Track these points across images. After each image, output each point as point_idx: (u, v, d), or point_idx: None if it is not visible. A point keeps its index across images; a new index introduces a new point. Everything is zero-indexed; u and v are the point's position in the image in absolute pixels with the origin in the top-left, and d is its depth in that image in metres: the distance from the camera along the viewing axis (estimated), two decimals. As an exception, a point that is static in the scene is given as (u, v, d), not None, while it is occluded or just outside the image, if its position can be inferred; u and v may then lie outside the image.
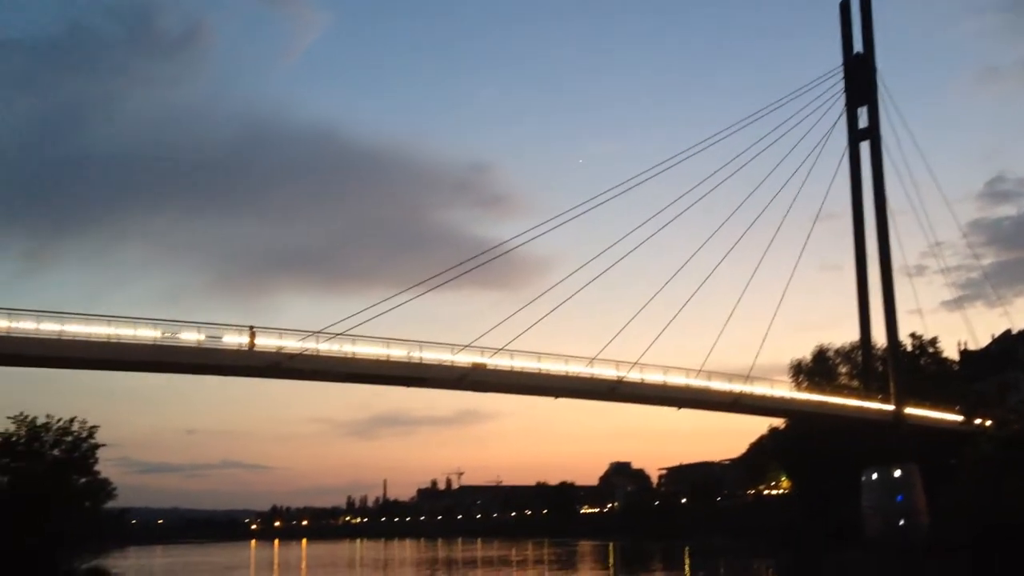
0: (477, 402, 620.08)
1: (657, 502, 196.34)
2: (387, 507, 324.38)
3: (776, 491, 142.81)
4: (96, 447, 61.85)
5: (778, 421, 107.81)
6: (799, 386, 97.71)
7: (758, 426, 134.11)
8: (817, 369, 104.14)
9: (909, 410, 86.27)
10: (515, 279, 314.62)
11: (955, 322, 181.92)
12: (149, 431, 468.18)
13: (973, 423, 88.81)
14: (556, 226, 71.26)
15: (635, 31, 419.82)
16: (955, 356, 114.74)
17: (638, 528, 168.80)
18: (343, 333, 57.86)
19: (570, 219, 71.96)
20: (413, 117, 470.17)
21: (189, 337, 54.62)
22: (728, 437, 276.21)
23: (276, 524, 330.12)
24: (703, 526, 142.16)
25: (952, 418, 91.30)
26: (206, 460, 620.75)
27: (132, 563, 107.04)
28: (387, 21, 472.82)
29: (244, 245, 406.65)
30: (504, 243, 71.18)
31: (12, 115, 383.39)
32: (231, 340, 55.57)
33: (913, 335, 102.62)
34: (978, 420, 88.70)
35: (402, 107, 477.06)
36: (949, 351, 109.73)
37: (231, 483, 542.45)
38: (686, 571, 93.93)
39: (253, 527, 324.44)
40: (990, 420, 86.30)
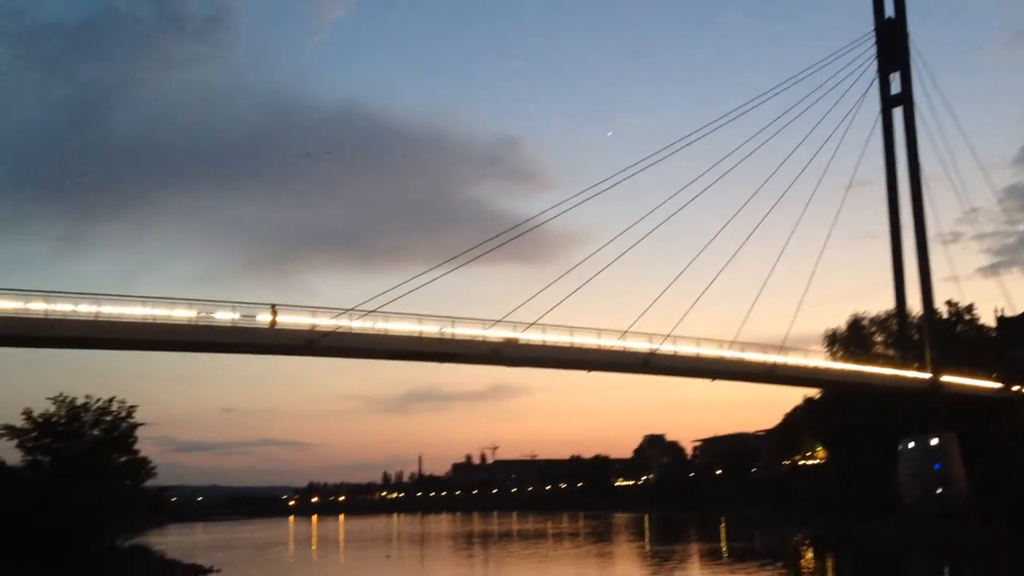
0: (510, 377, 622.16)
1: (692, 474, 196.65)
2: (422, 482, 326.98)
3: (811, 461, 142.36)
4: (135, 426, 62.74)
5: (813, 391, 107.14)
6: (834, 356, 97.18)
7: (793, 397, 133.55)
8: (852, 338, 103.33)
9: (946, 378, 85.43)
10: (546, 253, 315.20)
11: (991, 288, 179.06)
12: (186, 410, 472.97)
13: (1011, 390, 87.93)
14: (586, 200, 70.33)
15: (663, 2, 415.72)
16: (992, 323, 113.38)
17: (673, 500, 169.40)
18: (376, 310, 57.76)
19: (600, 192, 71.03)
20: (441, 93, 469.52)
21: (224, 316, 54.82)
22: (762, 408, 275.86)
23: (313, 500, 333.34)
24: (738, 497, 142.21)
25: (990, 385, 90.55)
26: (243, 438, 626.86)
27: (174, 540, 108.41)
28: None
29: (275, 224, 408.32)
30: (534, 217, 70.45)
31: (45, 99, 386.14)
32: (265, 319, 55.81)
33: (949, 302, 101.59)
34: (1016, 387, 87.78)
35: (430, 83, 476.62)
36: (986, 318, 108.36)
37: (268, 460, 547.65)
38: (722, 542, 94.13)
39: (291, 503, 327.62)
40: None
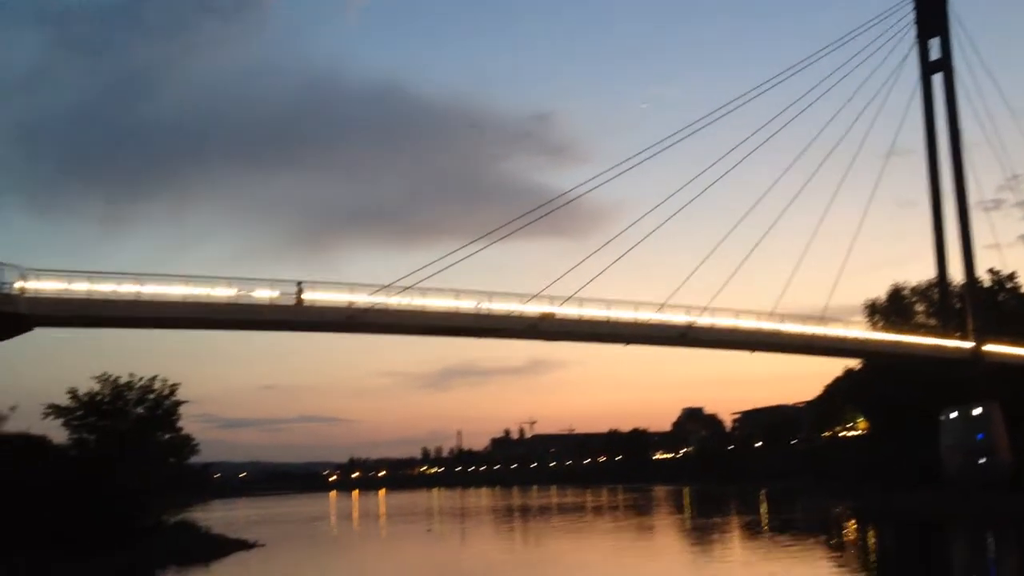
0: (548, 351, 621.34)
1: (731, 446, 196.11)
2: (462, 457, 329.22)
3: (852, 433, 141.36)
4: (178, 404, 63.76)
5: (853, 362, 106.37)
6: (874, 326, 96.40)
7: (833, 368, 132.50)
8: (892, 308, 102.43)
9: (988, 347, 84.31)
10: (581, 227, 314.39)
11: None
12: (226, 388, 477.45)
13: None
14: (621, 172, 69.93)
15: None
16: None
17: (712, 473, 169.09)
18: (413, 286, 57.95)
19: (635, 165, 70.53)
20: (473, 68, 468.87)
21: (263, 294, 55.21)
22: (802, 380, 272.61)
23: (354, 475, 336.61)
24: (778, 469, 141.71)
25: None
26: (284, 415, 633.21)
27: (218, 515, 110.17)
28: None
29: (311, 202, 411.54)
30: (570, 191, 70.43)
31: (83, 81, 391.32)
32: (305, 296, 56.08)
33: (991, 270, 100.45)
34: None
35: (462, 58, 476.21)
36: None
37: (309, 436, 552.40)
38: (762, 514, 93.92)
39: (332, 479, 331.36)
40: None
